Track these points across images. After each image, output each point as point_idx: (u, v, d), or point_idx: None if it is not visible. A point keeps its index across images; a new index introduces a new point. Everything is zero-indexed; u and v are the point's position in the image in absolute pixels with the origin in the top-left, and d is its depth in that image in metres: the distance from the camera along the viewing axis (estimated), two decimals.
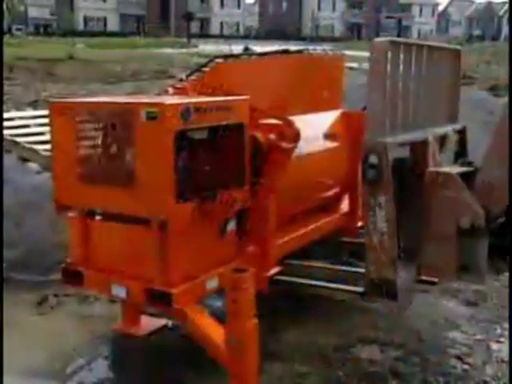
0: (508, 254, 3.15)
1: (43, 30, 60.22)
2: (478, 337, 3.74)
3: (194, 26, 55.06)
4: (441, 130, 3.48)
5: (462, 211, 2.92)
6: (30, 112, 7.93)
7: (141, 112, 2.81)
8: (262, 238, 3.41)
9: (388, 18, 50.82)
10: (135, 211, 2.96)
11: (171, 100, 3.07)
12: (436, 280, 4.48)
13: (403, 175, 3.18)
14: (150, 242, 2.95)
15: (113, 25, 62.45)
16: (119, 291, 3.12)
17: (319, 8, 72.24)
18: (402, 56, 3.11)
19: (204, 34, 60.42)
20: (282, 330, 3.72)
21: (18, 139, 5.34)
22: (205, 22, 67.89)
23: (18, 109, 9.73)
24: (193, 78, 3.77)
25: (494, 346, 3.62)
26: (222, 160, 3.23)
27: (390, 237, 2.93)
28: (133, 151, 2.90)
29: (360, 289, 3.25)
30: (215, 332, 2.98)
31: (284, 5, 74.86)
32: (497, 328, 3.84)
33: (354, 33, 72.03)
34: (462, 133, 3.73)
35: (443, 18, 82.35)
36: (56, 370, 3.34)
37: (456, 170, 3.11)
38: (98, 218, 3.26)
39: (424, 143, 3.19)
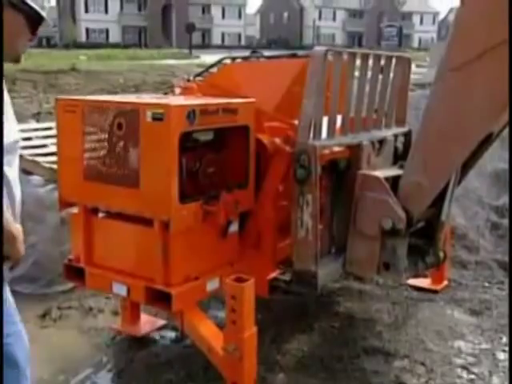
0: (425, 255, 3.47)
1: (46, 42, 60.59)
2: (484, 346, 3.71)
3: (196, 37, 55.28)
4: (380, 134, 3.61)
5: (385, 213, 3.13)
6: (33, 124, 7.93)
7: (147, 112, 2.81)
8: (263, 240, 3.41)
9: (389, 26, 51.03)
10: (138, 211, 2.97)
11: (177, 101, 3.09)
12: (438, 288, 4.51)
13: (339, 175, 3.40)
14: (152, 241, 2.95)
15: (115, 36, 62.74)
16: (120, 289, 3.12)
17: (320, 17, 72.56)
18: (343, 64, 3.26)
19: (205, 45, 60.72)
20: (285, 340, 3.69)
21: (21, 151, 5.34)
22: (206, 33, 68.21)
23: (21, 121, 9.75)
24: (200, 78, 3.79)
25: (500, 356, 3.59)
26: (227, 162, 3.24)
27: (314, 233, 3.11)
28: (138, 151, 2.90)
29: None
30: (214, 337, 2.99)
31: (285, 15, 75.22)
32: (502, 337, 3.80)
33: (355, 41, 72.28)
34: (407, 136, 3.86)
35: (444, 26, 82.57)
36: (59, 383, 3.33)
37: (386, 173, 3.30)
38: (101, 215, 3.26)
39: (359, 146, 3.33)
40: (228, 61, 3.88)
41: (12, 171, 1.86)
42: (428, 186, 3.12)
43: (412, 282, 4.66)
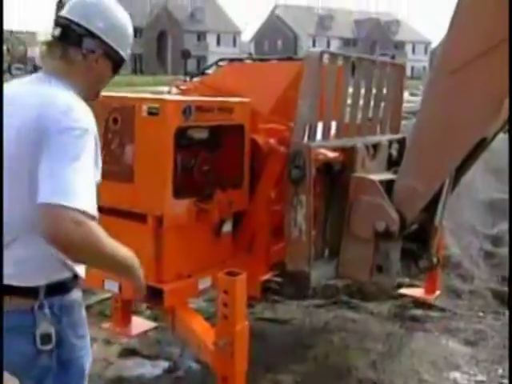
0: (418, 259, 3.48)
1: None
2: (479, 378, 3.62)
3: (191, 64, 55.73)
4: (374, 139, 3.64)
5: (379, 215, 3.15)
6: None
7: (142, 107, 2.83)
8: (257, 242, 3.41)
9: (382, 55, 51.82)
10: (132, 206, 2.96)
11: (173, 97, 3.12)
12: (431, 298, 4.52)
13: (333, 178, 3.41)
14: (144, 237, 2.94)
15: None
16: (112, 286, 3.11)
17: (314, 45, 73.40)
18: (338, 67, 3.31)
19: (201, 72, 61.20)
20: (279, 369, 3.60)
21: None
22: (201, 60, 68.84)
23: None
24: (197, 80, 3.82)
25: None
26: (221, 161, 3.25)
27: (307, 233, 3.12)
28: (133, 146, 2.91)
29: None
30: (205, 332, 2.97)
31: (279, 43, 76.13)
32: (498, 369, 3.71)
33: None
34: (401, 143, 3.90)
35: (436, 56, 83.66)
36: None
37: (381, 177, 3.32)
38: None
39: (353, 150, 3.36)
40: (224, 63, 3.93)
41: None
42: (422, 189, 3.13)
43: (405, 291, 4.73)
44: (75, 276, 1.89)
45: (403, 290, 4.74)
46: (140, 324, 3.94)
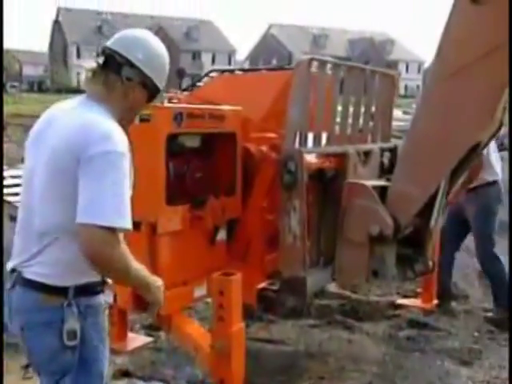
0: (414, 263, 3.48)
1: (37, 86, 61.09)
2: None
3: (186, 82, 56.09)
4: (366, 146, 3.67)
5: (372, 220, 3.16)
6: (22, 171, 7.92)
7: None
8: (251, 249, 3.40)
9: None
10: None
11: (165, 105, 3.15)
12: (428, 307, 4.53)
13: (326, 185, 3.42)
14: (139, 245, 2.89)
15: None
16: (106, 296, 3.08)
17: None
18: (329, 74, 3.35)
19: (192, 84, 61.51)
20: None
21: (9, 198, 5.33)
22: (196, 78, 69.24)
23: (11, 166, 9.71)
24: (187, 92, 3.85)
25: None
26: (214, 169, 3.27)
27: (302, 238, 3.11)
28: None
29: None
30: (201, 336, 2.96)
31: (274, 61, 76.64)
32: None
33: None
34: (392, 151, 3.94)
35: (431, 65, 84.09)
36: None
37: (373, 182, 3.34)
38: None
39: (345, 156, 3.38)
40: (215, 74, 3.95)
41: None
42: (417, 194, 3.14)
43: (402, 301, 4.74)
44: (103, 281, 2.05)
45: (400, 301, 4.74)
46: (136, 339, 3.90)
